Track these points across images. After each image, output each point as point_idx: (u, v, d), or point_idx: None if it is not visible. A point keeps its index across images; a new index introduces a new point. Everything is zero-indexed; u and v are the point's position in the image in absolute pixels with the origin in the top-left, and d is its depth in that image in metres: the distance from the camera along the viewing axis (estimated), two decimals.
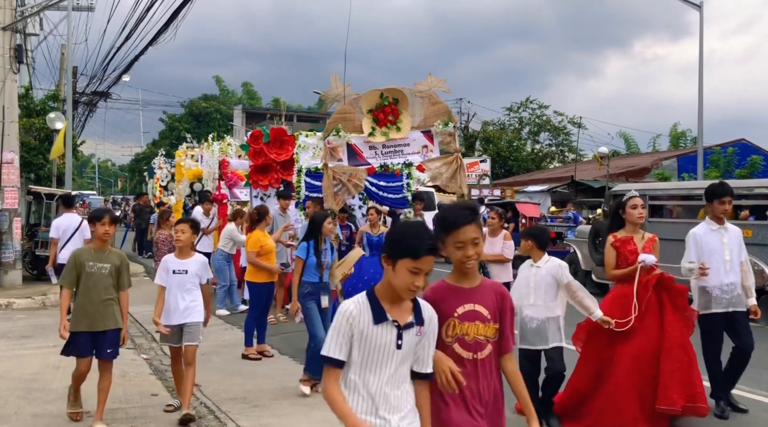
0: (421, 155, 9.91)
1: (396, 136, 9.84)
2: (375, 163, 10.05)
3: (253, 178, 13.00)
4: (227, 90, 76.42)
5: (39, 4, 17.43)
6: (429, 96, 9.80)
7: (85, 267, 6.11)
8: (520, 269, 6.49)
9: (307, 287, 7.66)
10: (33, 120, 21.72)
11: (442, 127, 9.73)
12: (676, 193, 15.39)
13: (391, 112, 9.78)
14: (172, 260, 6.65)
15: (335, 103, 9.84)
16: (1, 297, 13.53)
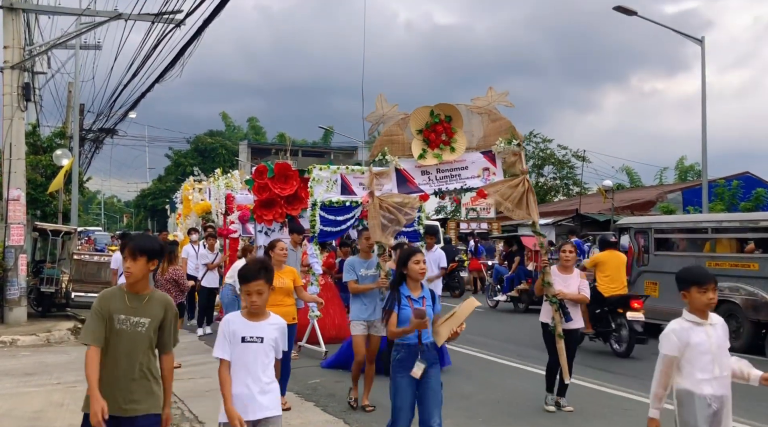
0: (482, 179, 8.62)
1: (450, 158, 8.61)
2: (428, 190, 8.80)
3: (257, 213, 12.93)
4: (233, 126, 76.98)
5: (47, 43, 17.63)
6: (488, 112, 8.57)
7: (114, 321, 4.25)
8: (679, 331, 4.65)
9: (400, 351, 5.75)
10: (39, 157, 21.86)
11: (505, 145, 8.43)
12: (682, 226, 15.37)
13: (443, 131, 8.62)
14: (240, 322, 4.58)
15: (381, 124, 8.76)
16: (6, 334, 13.49)
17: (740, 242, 13.38)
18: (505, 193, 8.29)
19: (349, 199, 11.87)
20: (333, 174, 11.98)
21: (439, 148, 8.63)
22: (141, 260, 4.23)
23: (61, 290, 16.67)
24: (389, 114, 8.53)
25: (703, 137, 22.31)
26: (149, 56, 16.42)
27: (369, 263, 8.28)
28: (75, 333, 14.55)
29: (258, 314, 4.56)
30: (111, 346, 4.27)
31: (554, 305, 8.04)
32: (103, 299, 4.30)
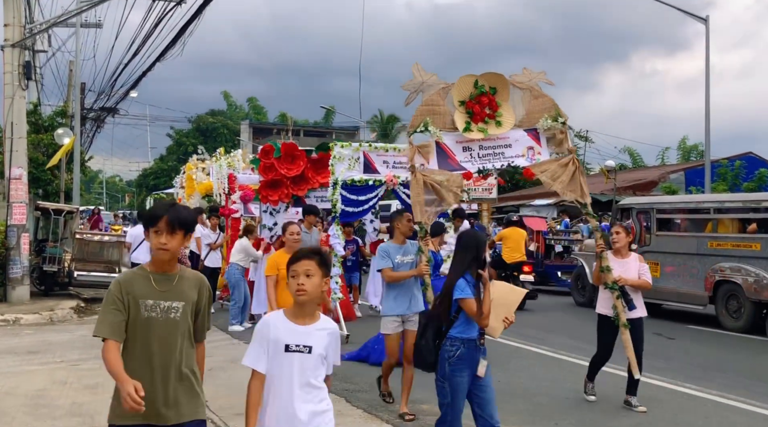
0: (526, 158, 8.00)
1: (496, 133, 7.89)
2: (471, 168, 7.97)
3: (263, 194, 12.82)
4: (235, 105, 76.77)
5: (48, 21, 17.55)
6: (530, 88, 7.99)
7: (140, 308, 3.48)
8: None
9: (458, 347, 5.26)
10: (41, 136, 21.83)
11: (551, 122, 7.88)
12: (684, 206, 15.35)
13: (488, 103, 7.88)
14: (283, 325, 3.58)
15: (420, 94, 7.85)
16: (9, 313, 13.54)
17: (742, 223, 13.38)
18: (555, 173, 7.78)
19: (372, 177, 11.53)
20: (355, 151, 11.59)
21: (483, 121, 7.88)
22: (179, 233, 3.49)
23: (63, 269, 16.70)
24: (429, 82, 7.75)
25: (707, 117, 22.24)
26: (150, 35, 16.37)
27: (405, 248, 7.34)
28: (78, 312, 14.61)
29: (306, 314, 3.57)
30: (139, 339, 3.49)
31: (615, 292, 7.45)
32: (123, 283, 3.50)
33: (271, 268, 7.57)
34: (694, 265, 13.51)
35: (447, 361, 5.23)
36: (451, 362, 5.22)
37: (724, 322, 13.05)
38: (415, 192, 7.60)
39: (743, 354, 11.09)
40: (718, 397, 8.08)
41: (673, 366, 9.76)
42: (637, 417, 7.27)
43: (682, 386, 8.55)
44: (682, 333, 12.73)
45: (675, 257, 13.96)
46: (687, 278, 13.59)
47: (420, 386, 7.77)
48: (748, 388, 8.54)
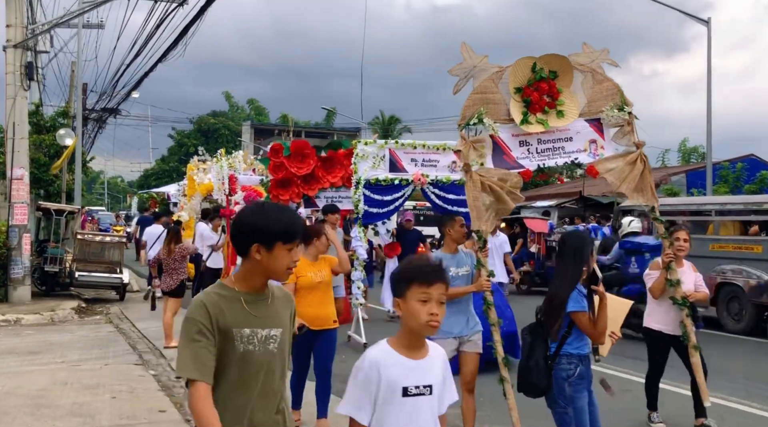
0: (589, 153, 6.90)
1: (557, 125, 6.78)
2: (529, 166, 6.83)
3: (273, 193, 12.56)
4: (236, 106, 76.84)
5: (50, 22, 17.56)
6: (592, 70, 6.82)
7: (234, 340, 2.79)
8: None
9: (576, 364, 4.82)
10: (43, 136, 21.84)
11: (617, 112, 6.80)
12: (686, 208, 15.34)
13: (548, 89, 6.73)
14: (396, 362, 2.81)
15: (470, 80, 6.71)
16: (10, 313, 13.55)
17: (744, 225, 13.36)
18: (622, 172, 6.76)
19: (398, 176, 10.98)
20: (380, 149, 11.02)
21: (543, 112, 6.73)
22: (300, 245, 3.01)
23: (64, 270, 16.71)
24: (480, 65, 6.65)
25: (708, 119, 22.23)
26: (152, 36, 16.38)
27: (459, 258, 6.53)
28: (79, 312, 14.62)
29: (422, 344, 2.89)
30: (233, 379, 2.80)
31: (685, 308, 6.72)
32: (211, 307, 2.76)
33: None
34: (696, 267, 13.46)
35: (566, 381, 4.73)
36: (571, 382, 4.74)
37: (725, 324, 13.04)
38: (472, 195, 6.56)
39: (744, 356, 11.08)
40: (719, 399, 8.06)
41: (674, 368, 9.74)
42: (642, 419, 7.26)
43: (683, 388, 8.53)
44: None
45: None
46: None
47: None
48: (749, 390, 8.54)
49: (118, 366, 9.58)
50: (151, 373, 9.22)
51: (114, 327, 13.05)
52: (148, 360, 10.12)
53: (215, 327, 2.75)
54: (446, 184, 10.48)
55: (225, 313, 2.79)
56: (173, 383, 8.65)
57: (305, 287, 6.51)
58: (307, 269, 6.55)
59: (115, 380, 8.62)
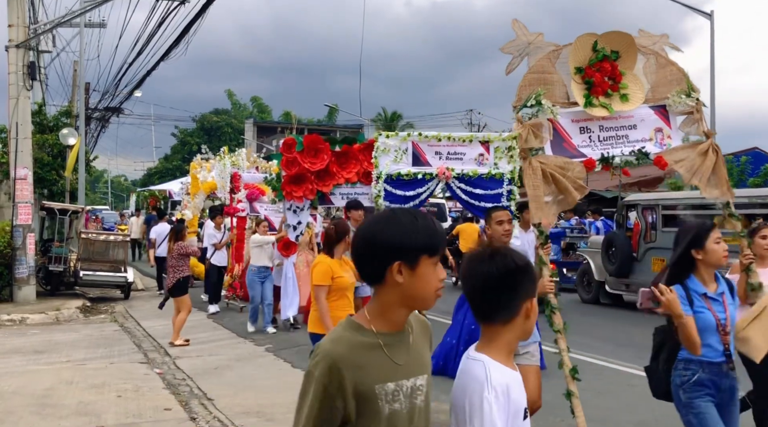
0: (655, 143, 6.27)
1: (622, 109, 6.12)
2: (592, 154, 6.17)
3: (286, 190, 12.03)
4: (239, 104, 76.85)
5: (52, 22, 17.57)
6: (656, 53, 6.20)
7: (377, 401, 2.19)
8: None
9: (695, 371, 4.29)
10: (46, 136, 21.85)
11: (685, 98, 6.13)
12: (690, 202, 15.30)
13: (610, 71, 6.07)
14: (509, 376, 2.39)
15: (525, 58, 6.10)
16: (15, 312, 13.57)
17: (749, 218, 13.33)
18: (692, 164, 6.11)
19: (422, 171, 10.34)
20: (403, 142, 10.38)
21: (605, 95, 6.06)
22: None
23: (69, 269, 16.74)
24: (535, 43, 6.07)
25: (712, 112, 22.19)
26: (154, 34, 16.39)
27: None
28: (83, 312, 14.64)
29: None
30: None
31: None
32: (343, 367, 2.14)
33: (325, 276, 6.08)
34: None
35: (680, 387, 4.29)
36: (685, 388, 4.26)
37: None
38: (532, 184, 5.85)
39: None
40: None
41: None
42: (647, 413, 7.26)
43: None
44: None
45: None
46: None
47: None
48: None
49: (123, 365, 9.59)
50: (156, 371, 9.23)
51: (119, 326, 13.07)
52: (153, 359, 10.13)
53: (350, 392, 2.14)
54: (473, 178, 9.81)
55: (365, 369, 2.16)
56: (178, 382, 8.67)
57: (341, 289, 6.11)
58: (340, 269, 6.16)
59: (120, 378, 8.63)
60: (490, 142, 9.97)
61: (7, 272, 15.09)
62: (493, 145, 9.95)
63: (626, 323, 13.01)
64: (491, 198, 9.52)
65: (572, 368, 5.52)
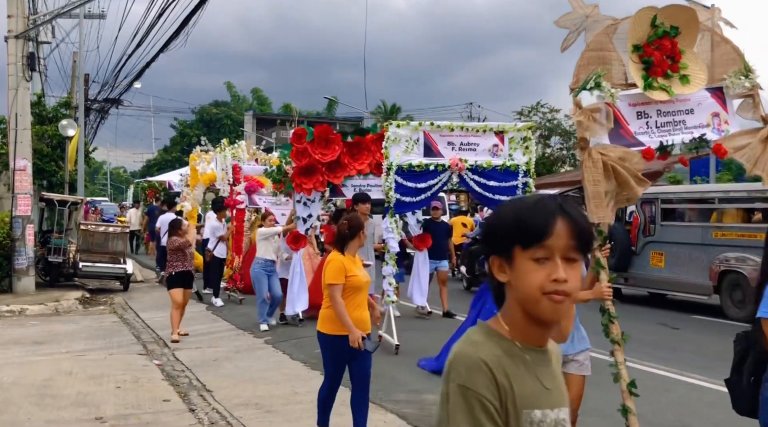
0: (712, 129, 5.55)
1: (683, 92, 5.40)
2: (650, 143, 5.45)
3: (296, 182, 11.55)
4: (238, 96, 76.75)
5: (51, 12, 17.53)
6: (711, 30, 5.53)
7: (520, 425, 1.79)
8: None
9: None
10: (45, 127, 21.82)
11: (743, 80, 5.43)
12: (689, 196, 15.31)
13: (670, 49, 5.33)
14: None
15: (582, 33, 5.40)
16: (15, 304, 13.58)
17: (747, 212, 13.34)
18: (754, 152, 5.38)
19: (433, 162, 9.97)
20: (414, 132, 10.02)
21: (665, 76, 5.33)
22: (580, 263, 1.89)
23: (68, 260, 16.74)
24: (593, 16, 5.40)
25: None
26: (153, 26, 16.36)
27: None
28: (83, 303, 14.66)
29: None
30: None
31: None
32: (495, 371, 1.80)
33: (338, 274, 5.74)
34: (699, 255, 13.48)
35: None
36: None
37: (728, 312, 13.03)
38: (592, 178, 5.10)
39: None
40: (722, 386, 8.05)
41: (678, 356, 9.76)
42: (644, 407, 7.27)
43: (688, 376, 8.55)
44: (687, 323, 12.71)
45: (680, 247, 13.93)
46: (692, 268, 13.57)
47: (422, 376, 7.81)
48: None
49: (122, 356, 9.61)
50: (155, 363, 9.25)
51: (118, 317, 13.09)
52: (152, 350, 10.14)
53: (504, 406, 1.78)
54: (487, 169, 9.54)
55: (514, 386, 1.80)
56: (177, 373, 8.69)
57: (355, 288, 5.78)
58: (354, 267, 5.85)
59: (119, 369, 8.65)
60: (505, 133, 9.71)
61: (6, 263, 15.10)
62: (508, 135, 9.70)
63: (624, 318, 12.99)
64: (506, 190, 9.36)
65: (630, 382, 5.01)
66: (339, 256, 5.84)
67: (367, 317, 5.88)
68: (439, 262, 13.11)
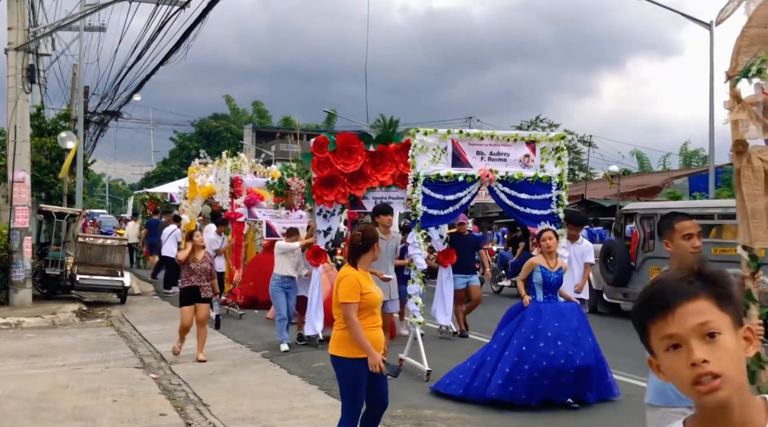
0: None
1: None
2: None
3: (317, 193, 10.93)
4: (238, 109, 76.91)
5: (51, 25, 17.57)
6: None
7: None
8: None
9: None
10: (44, 139, 21.83)
11: None
12: (688, 212, 15.30)
13: None
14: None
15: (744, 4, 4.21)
16: (11, 316, 13.53)
17: None
18: None
19: (462, 172, 9.30)
20: (442, 140, 9.36)
21: None
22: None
23: (66, 273, 16.68)
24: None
25: (711, 123, 22.20)
26: (153, 38, 16.39)
27: None
28: (80, 316, 14.60)
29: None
30: None
31: None
32: None
33: (353, 291, 5.27)
34: None
35: None
36: None
37: None
38: (751, 190, 4.13)
39: None
40: None
41: None
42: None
43: None
44: None
45: None
46: None
47: (420, 392, 7.76)
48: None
49: (119, 369, 9.56)
50: (152, 376, 9.20)
51: (115, 330, 13.03)
52: (149, 363, 10.09)
53: None
54: (518, 181, 9.06)
55: None
56: (174, 387, 8.64)
57: (370, 306, 5.34)
58: (368, 282, 5.43)
59: (116, 383, 8.60)
60: (536, 143, 9.23)
61: (3, 276, 15.05)
62: (540, 145, 9.21)
63: (624, 333, 12.97)
64: (538, 204, 8.96)
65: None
66: (352, 271, 5.38)
67: (382, 337, 5.48)
68: (469, 277, 12.40)
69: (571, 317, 7.48)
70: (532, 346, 7.25)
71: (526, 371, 7.25)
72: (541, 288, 7.53)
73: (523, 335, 7.33)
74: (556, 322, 7.39)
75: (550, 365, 7.21)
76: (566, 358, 7.26)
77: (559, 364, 7.23)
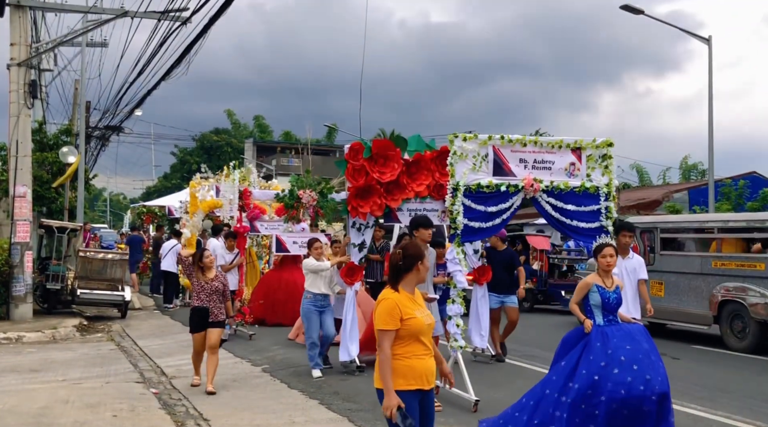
0: None
1: None
2: None
3: (352, 204, 10.19)
4: (239, 123, 77.08)
5: (53, 41, 17.69)
6: None
7: None
8: None
9: None
10: (46, 154, 21.91)
11: None
12: (688, 226, 15.32)
13: None
14: None
15: None
16: (12, 331, 13.52)
17: (747, 242, 13.34)
18: None
19: (505, 181, 8.53)
20: (482, 146, 8.55)
21: None
22: None
23: (66, 287, 16.68)
24: None
25: (710, 136, 22.24)
26: (155, 54, 16.45)
27: None
28: (80, 330, 14.59)
29: None
30: None
31: None
32: None
33: (390, 317, 4.64)
34: (699, 284, 13.46)
35: None
36: None
37: (728, 342, 12.98)
38: None
39: (748, 375, 11.02)
40: (723, 418, 8.02)
41: (678, 386, 9.68)
42: None
43: (687, 406, 8.49)
44: (687, 353, 12.66)
45: (679, 276, 13.91)
46: (691, 298, 13.54)
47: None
48: (753, 409, 8.49)
49: (119, 384, 9.55)
50: (152, 391, 9.19)
51: (115, 345, 13.03)
52: (149, 378, 10.08)
53: None
54: (564, 192, 8.46)
55: None
56: (174, 402, 8.63)
57: (413, 333, 4.66)
58: (411, 306, 4.72)
59: (116, 398, 8.59)
60: (582, 150, 8.61)
61: (4, 290, 15.05)
62: (585, 152, 8.61)
63: None
64: (586, 216, 8.40)
65: None
66: (392, 294, 4.72)
67: (433, 367, 4.79)
68: (505, 297, 11.50)
69: (640, 339, 6.52)
70: (606, 374, 6.25)
71: (603, 403, 6.19)
72: (600, 310, 6.61)
73: (593, 363, 6.34)
74: (627, 344, 6.43)
75: (629, 393, 6.18)
76: (645, 384, 6.23)
77: (638, 391, 6.20)
